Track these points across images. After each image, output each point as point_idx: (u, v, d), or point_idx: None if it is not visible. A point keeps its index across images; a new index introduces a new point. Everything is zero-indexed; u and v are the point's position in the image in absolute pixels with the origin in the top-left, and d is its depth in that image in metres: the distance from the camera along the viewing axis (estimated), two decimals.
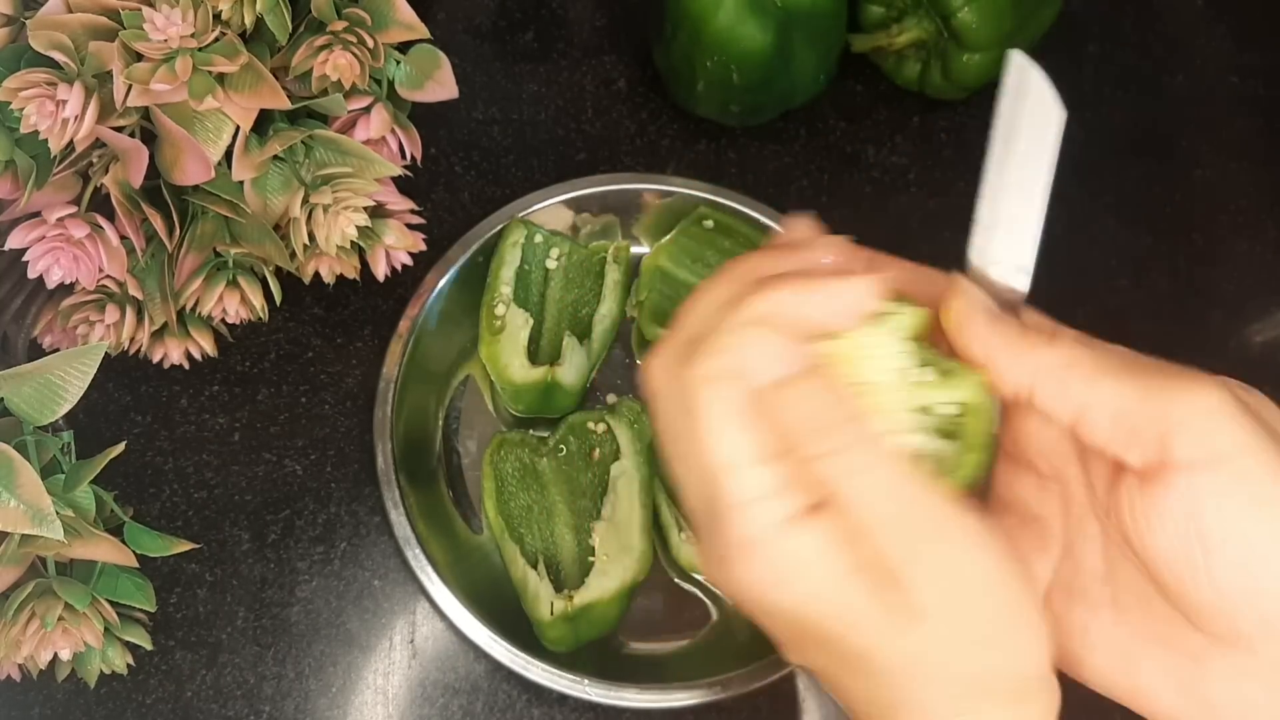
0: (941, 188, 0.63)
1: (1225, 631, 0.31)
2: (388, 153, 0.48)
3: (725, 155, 0.63)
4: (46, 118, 0.39)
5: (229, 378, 0.56)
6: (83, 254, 0.43)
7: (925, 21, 0.60)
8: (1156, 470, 0.30)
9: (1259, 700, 0.32)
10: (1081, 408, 0.31)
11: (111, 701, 0.51)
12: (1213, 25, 0.68)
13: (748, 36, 0.55)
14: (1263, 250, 0.63)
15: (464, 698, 0.52)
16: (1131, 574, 0.33)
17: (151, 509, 0.54)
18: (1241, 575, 0.30)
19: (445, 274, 0.56)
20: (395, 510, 0.52)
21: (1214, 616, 0.31)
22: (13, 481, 0.39)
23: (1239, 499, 0.30)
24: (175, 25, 0.39)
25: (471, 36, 0.65)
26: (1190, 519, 0.30)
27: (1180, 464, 0.30)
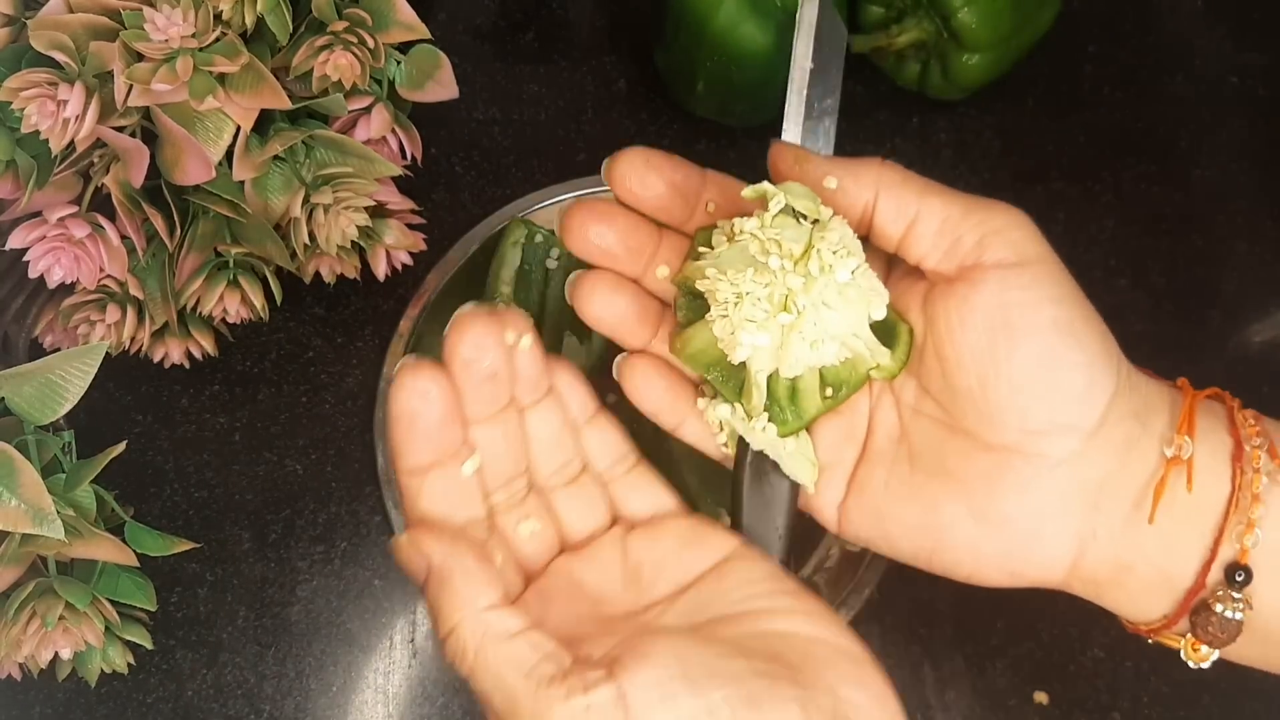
0: None
1: (1016, 434, 0.34)
2: (388, 153, 0.48)
3: (725, 155, 0.63)
4: (47, 118, 0.39)
5: (229, 377, 0.56)
6: (84, 254, 0.43)
7: (925, 22, 0.60)
8: (970, 271, 0.34)
9: (1047, 507, 0.34)
10: (915, 216, 0.34)
11: (112, 701, 0.51)
12: (1212, 25, 0.68)
13: (748, 37, 0.55)
14: (1262, 250, 0.63)
15: (464, 697, 0.52)
16: (924, 425, 0.36)
17: (152, 508, 0.54)
18: (1036, 364, 0.33)
19: (445, 274, 0.56)
20: (396, 510, 0.52)
21: (1008, 415, 0.34)
22: (14, 481, 0.39)
23: (1042, 293, 0.34)
24: (176, 25, 0.39)
25: (472, 37, 0.65)
26: (999, 310, 0.33)
27: (994, 263, 0.34)
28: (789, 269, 0.33)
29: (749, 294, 0.33)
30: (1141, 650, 0.53)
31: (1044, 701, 0.53)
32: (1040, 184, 0.63)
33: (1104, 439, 0.34)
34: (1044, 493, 0.34)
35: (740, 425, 0.36)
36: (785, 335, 0.34)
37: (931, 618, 0.54)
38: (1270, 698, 0.53)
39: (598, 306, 0.37)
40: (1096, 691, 0.53)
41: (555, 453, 0.37)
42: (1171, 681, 0.53)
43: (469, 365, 0.34)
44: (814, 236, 0.34)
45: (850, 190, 0.35)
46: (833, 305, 0.34)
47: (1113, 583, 0.35)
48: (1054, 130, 0.65)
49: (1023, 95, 0.65)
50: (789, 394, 0.36)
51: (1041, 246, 0.34)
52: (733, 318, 0.34)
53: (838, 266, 0.33)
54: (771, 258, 0.33)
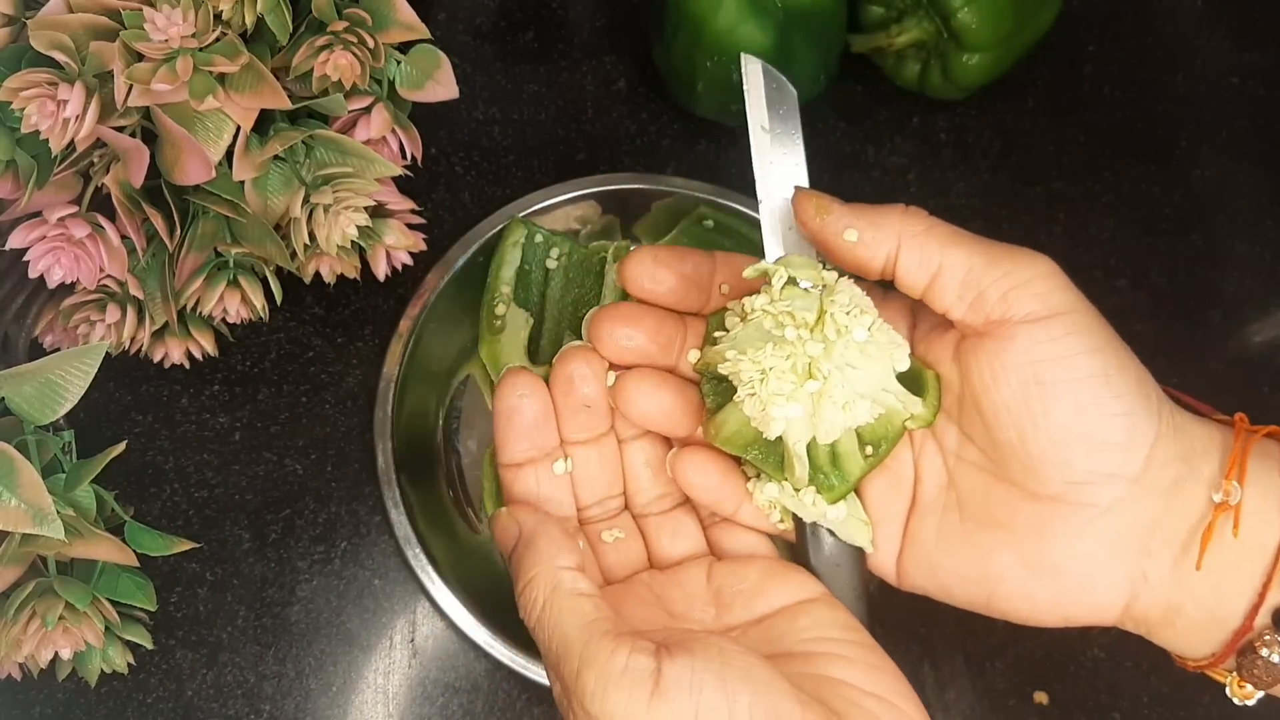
0: (941, 188, 0.63)
1: (1060, 484, 0.34)
2: (388, 153, 0.48)
3: (725, 155, 0.63)
4: (47, 118, 0.39)
5: (230, 377, 0.57)
6: (83, 254, 0.43)
7: (925, 22, 0.60)
8: (999, 326, 0.34)
9: (1096, 555, 0.34)
10: (938, 268, 0.34)
11: (112, 700, 0.51)
12: (1212, 26, 0.68)
13: (748, 37, 0.55)
14: (1262, 250, 0.63)
15: (464, 697, 0.52)
16: (969, 472, 0.36)
17: (152, 508, 0.54)
18: (1075, 419, 0.33)
19: (446, 274, 0.56)
20: (395, 510, 0.52)
21: (1050, 468, 0.33)
22: (14, 481, 0.39)
23: (1072, 345, 0.33)
24: (176, 25, 0.39)
25: (472, 37, 0.65)
26: (1031, 366, 0.33)
27: (1021, 318, 0.33)
28: (806, 337, 0.33)
29: (772, 369, 0.34)
30: (1141, 650, 0.53)
31: (1044, 701, 0.53)
32: (1040, 184, 0.63)
33: (1150, 484, 0.34)
34: (1093, 540, 0.34)
35: (789, 500, 0.36)
36: (816, 402, 0.34)
37: (931, 618, 0.54)
38: (1270, 698, 0.53)
39: (642, 405, 0.38)
40: (1096, 691, 0.53)
41: (652, 485, 0.39)
42: (1171, 681, 0.53)
43: (568, 391, 0.37)
44: (824, 302, 0.34)
45: (871, 242, 0.35)
46: (856, 364, 0.34)
47: (1163, 623, 0.35)
48: (1054, 130, 0.65)
49: (1023, 95, 0.65)
50: (830, 459, 0.36)
51: (1070, 296, 0.34)
52: (761, 395, 0.34)
53: (853, 326, 0.33)
54: (787, 329, 0.34)
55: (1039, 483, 0.34)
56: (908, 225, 0.35)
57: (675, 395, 0.38)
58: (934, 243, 0.34)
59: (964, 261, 0.34)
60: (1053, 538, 0.34)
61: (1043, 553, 0.34)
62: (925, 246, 0.34)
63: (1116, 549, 0.34)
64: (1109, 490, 0.33)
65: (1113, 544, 0.34)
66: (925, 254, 0.34)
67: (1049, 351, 0.33)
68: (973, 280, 0.34)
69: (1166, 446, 0.34)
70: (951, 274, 0.34)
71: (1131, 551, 0.34)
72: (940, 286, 0.34)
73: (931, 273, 0.34)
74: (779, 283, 0.35)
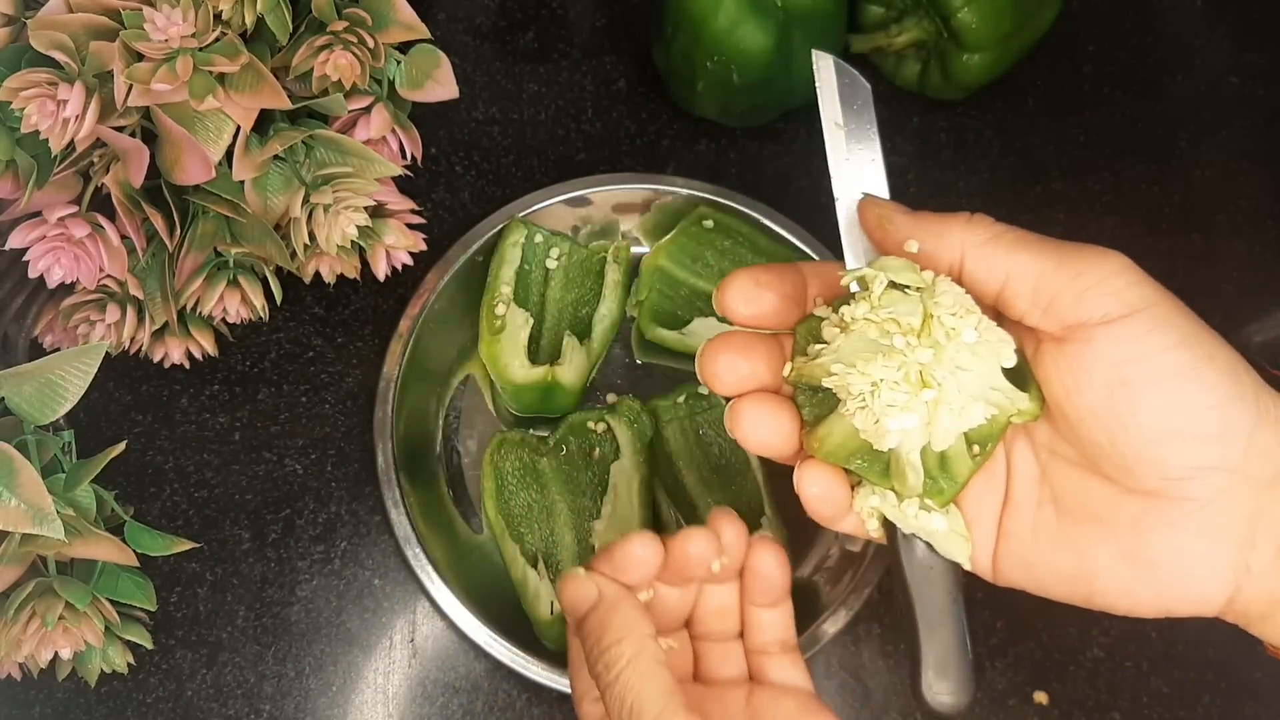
0: (941, 188, 0.63)
1: (1156, 480, 0.33)
2: (388, 153, 0.48)
3: (725, 155, 0.63)
4: (47, 117, 0.39)
5: (229, 377, 0.57)
6: (83, 254, 0.43)
7: (925, 22, 0.60)
8: (1076, 331, 0.33)
9: (1197, 548, 0.33)
10: (1005, 277, 0.33)
11: (112, 700, 0.51)
12: (1212, 26, 0.68)
13: (748, 37, 0.55)
14: (1262, 250, 0.63)
15: (464, 696, 0.52)
16: (1062, 467, 0.35)
17: (152, 508, 0.54)
18: (1165, 414, 0.32)
19: (446, 274, 0.56)
20: (395, 509, 0.52)
21: (1145, 464, 0.33)
22: (13, 481, 0.39)
23: (1155, 342, 0.32)
24: (176, 25, 0.39)
25: (472, 37, 0.65)
26: (1114, 368, 0.32)
27: (1099, 320, 0.32)
28: (915, 344, 0.33)
29: (884, 380, 0.33)
30: (1141, 650, 0.54)
31: (1044, 701, 0.53)
32: (1040, 184, 0.63)
33: (1251, 475, 0.33)
34: (1194, 534, 0.33)
35: (890, 510, 0.36)
36: (932, 411, 0.33)
37: None
38: (1270, 698, 0.53)
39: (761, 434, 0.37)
40: (1096, 691, 0.53)
41: (718, 620, 0.40)
42: (1171, 681, 0.53)
43: (682, 567, 0.38)
44: (928, 304, 0.33)
45: (934, 253, 0.34)
46: (967, 366, 0.33)
47: (1265, 615, 0.34)
48: (1054, 130, 0.65)
49: (1022, 95, 0.65)
50: (939, 463, 0.35)
51: (1147, 290, 0.33)
52: (874, 407, 0.33)
53: (962, 328, 0.33)
54: (895, 337, 0.33)
55: (1135, 479, 0.33)
56: (971, 234, 0.34)
57: (791, 416, 0.37)
58: (999, 251, 0.34)
59: (1032, 267, 0.33)
60: (1152, 532, 0.33)
61: (1143, 547, 0.34)
62: (990, 256, 0.34)
63: (1219, 542, 0.33)
64: (1209, 483, 0.33)
65: (1215, 537, 0.33)
66: (991, 263, 0.33)
67: (1131, 351, 0.32)
68: (1044, 286, 0.33)
69: (1267, 435, 0.33)
70: (1021, 281, 0.33)
71: (1234, 544, 0.33)
72: (1011, 294, 0.34)
73: (1000, 281, 0.33)
74: (879, 288, 0.34)
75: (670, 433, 0.56)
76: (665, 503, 0.55)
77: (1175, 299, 0.33)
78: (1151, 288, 0.33)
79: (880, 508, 0.36)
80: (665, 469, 0.56)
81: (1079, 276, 0.33)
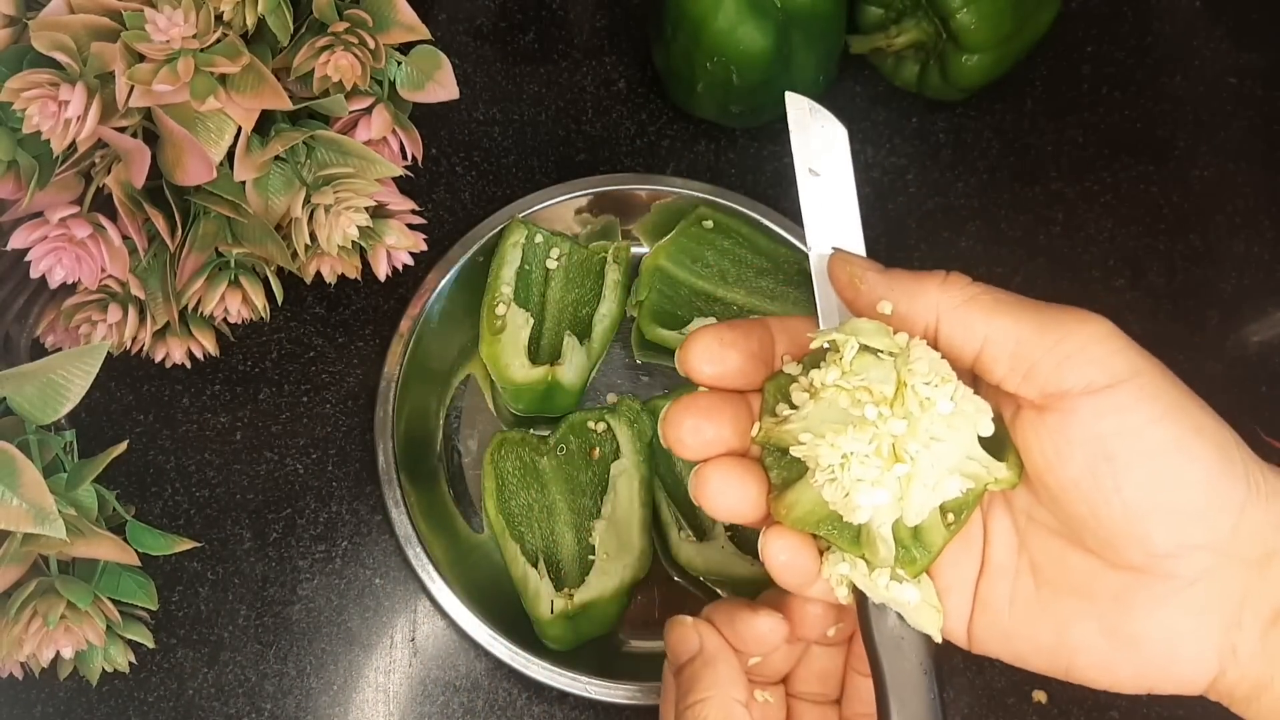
0: (940, 188, 0.63)
1: (1141, 556, 0.31)
2: (389, 153, 0.48)
3: (725, 156, 0.63)
4: (49, 118, 0.39)
5: (231, 377, 0.57)
6: (85, 254, 0.44)
7: (924, 23, 0.60)
8: (1057, 400, 0.31)
9: (1184, 627, 0.32)
10: (983, 341, 0.32)
11: (113, 699, 0.51)
12: (1211, 26, 0.68)
13: (747, 38, 0.55)
14: (1260, 251, 0.63)
15: (464, 695, 0.52)
16: (1042, 536, 0.34)
17: (153, 508, 0.54)
18: (1151, 490, 0.31)
19: (446, 274, 0.56)
20: (396, 509, 0.53)
21: (1129, 541, 0.31)
22: (15, 480, 0.39)
23: (1140, 415, 0.31)
24: (177, 26, 0.39)
25: (472, 37, 0.65)
26: (1097, 441, 0.31)
27: (1081, 390, 0.31)
28: (887, 415, 0.31)
29: (854, 453, 0.31)
30: None
31: (1043, 700, 0.53)
32: (1039, 184, 0.63)
33: (1240, 554, 0.31)
34: (1179, 613, 0.32)
35: (860, 579, 0.34)
36: (905, 486, 0.31)
37: None
38: None
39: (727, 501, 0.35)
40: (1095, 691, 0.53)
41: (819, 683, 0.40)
42: None
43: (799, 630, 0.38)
44: (902, 372, 0.31)
45: (907, 315, 0.33)
46: (942, 437, 0.31)
47: (1249, 698, 0.32)
48: (1052, 130, 0.65)
49: (1021, 96, 0.65)
50: (911, 533, 0.33)
51: (1131, 358, 0.31)
52: (843, 481, 0.31)
53: (937, 398, 0.31)
54: (866, 407, 0.31)
55: (1118, 554, 0.32)
56: (946, 297, 0.32)
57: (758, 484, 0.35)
58: (976, 314, 0.32)
59: (1010, 332, 0.31)
60: (1135, 609, 0.32)
61: (1125, 624, 0.32)
62: (967, 319, 0.32)
63: (1204, 622, 0.32)
64: (1195, 562, 0.31)
65: (1200, 617, 0.31)
66: (968, 327, 0.32)
67: (1116, 424, 0.31)
68: (1023, 351, 0.31)
69: (1257, 513, 0.31)
70: (999, 346, 0.32)
71: (1220, 624, 0.31)
72: (989, 359, 0.32)
73: (977, 346, 0.32)
74: (850, 353, 0.32)
75: None
76: (665, 503, 0.55)
77: (1162, 367, 0.32)
78: (1137, 355, 0.31)
79: (850, 576, 0.34)
80: (665, 469, 0.56)
81: (1060, 343, 0.31)
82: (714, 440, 0.35)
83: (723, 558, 0.53)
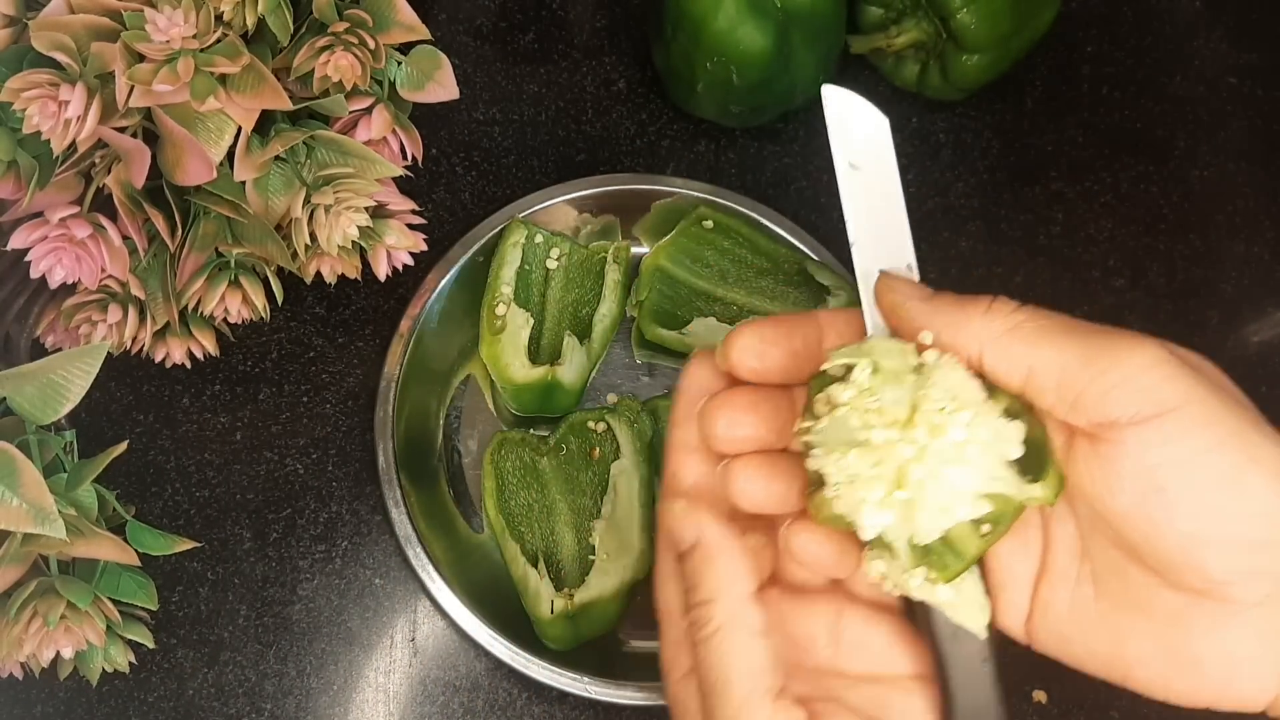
0: (940, 188, 0.63)
1: (1199, 583, 0.31)
2: (389, 153, 0.48)
3: (725, 156, 0.63)
4: (49, 118, 0.39)
5: (231, 377, 0.57)
6: (85, 254, 0.44)
7: (924, 23, 0.60)
8: (1106, 430, 0.30)
9: (1244, 650, 0.31)
10: (1027, 371, 0.31)
11: (113, 699, 0.51)
12: (1210, 27, 0.68)
13: (747, 38, 0.55)
14: (1260, 251, 0.63)
15: (465, 695, 0.52)
16: (1103, 546, 0.33)
17: (154, 508, 0.54)
18: (1204, 521, 0.30)
19: (446, 274, 0.56)
20: (396, 509, 0.53)
21: (1185, 569, 0.31)
22: (15, 480, 0.39)
23: (1191, 445, 0.30)
24: (177, 26, 0.39)
25: (472, 38, 0.65)
26: (1146, 473, 0.30)
27: (1128, 420, 0.30)
28: (896, 439, 0.30)
29: (859, 475, 0.31)
30: None
31: (1043, 700, 0.53)
32: (1039, 184, 0.63)
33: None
34: (1240, 636, 0.31)
35: (896, 577, 0.33)
36: (908, 510, 0.31)
37: None
38: None
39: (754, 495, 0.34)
40: (1095, 690, 0.53)
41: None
42: None
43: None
44: (916, 396, 0.31)
45: (951, 344, 0.32)
46: (956, 462, 0.31)
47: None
48: (1052, 130, 0.65)
49: (1021, 96, 0.65)
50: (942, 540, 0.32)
51: (1183, 386, 0.30)
52: (847, 499, 0.31)
53: (949, 425, 0.30)
54: (875, 430, 0.31)
55: (1176, 578, 0.31)
56: (989, 326, 0.32)
57: (789, 479, 0.34)
58: (1019, 343, 0.31)
59: (1055, 361, 0.31)
60: (1194, 630, 0.31)
61: (1185, 644, 0.32)
62: (1010, 349, 0.31)
63: (1267, 644, 0.31)
64: (1255, 587, 0.30)
65: (1262, 640, 0.31)
66: (1012, 357, 0.31)
67: (1166, 455, 0.30)
68: (1068, 381, 0.31)
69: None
70: (1044, 376, 0.31)
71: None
72: (1035, 389, 0.31)
73: (1022, 375, 0.31)
74: (863, 374, 0.32)
75: None
76: None
77: (1218, 392, 0.31)
78: (1189, 381, 0.30)
79: (888, 574, 0.34)
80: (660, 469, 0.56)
81: (1105, 372, 0.30)
82: (751, 438, 0.35)
83: None
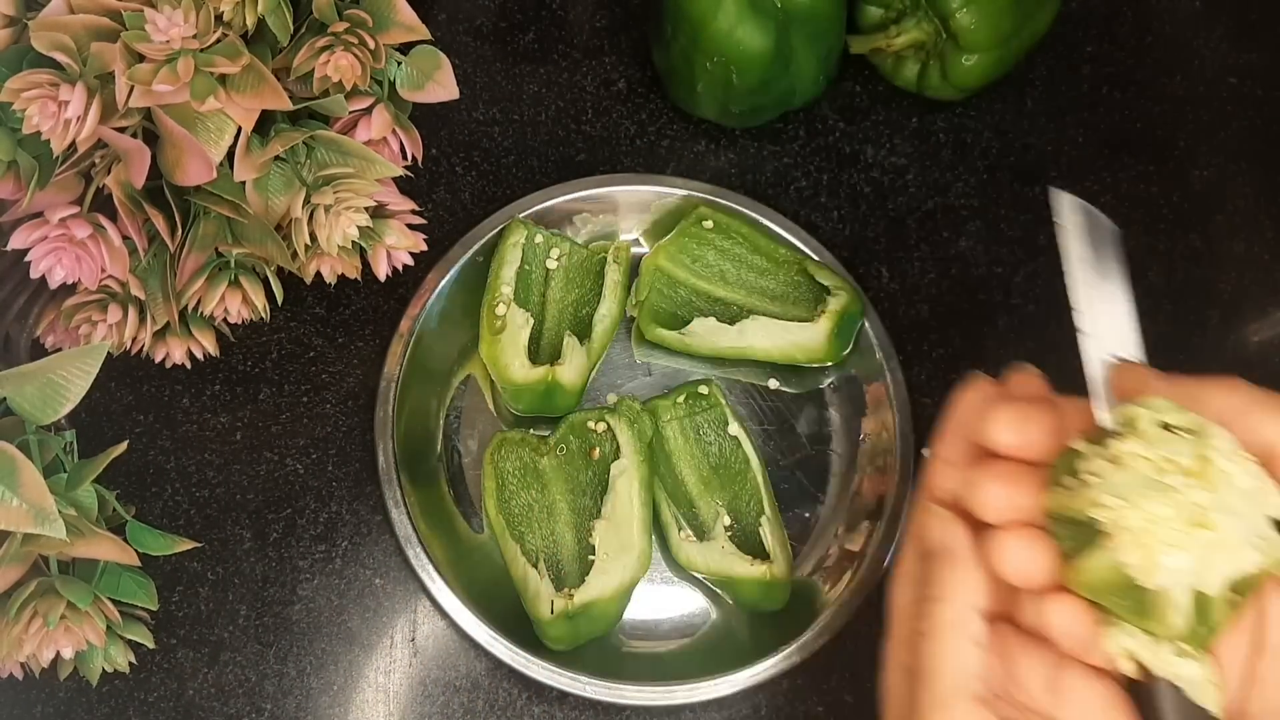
0: (940, 188, 0.63)
1: None
2: (389, 153, 0.48)
3: (725, 156, 0.63)
4: (49, 118, 0.39)
5: (231, 377, 0.57)
6: (85, 254, 0.44)
7: (924, 23, 0.60)
8: None
9: None
10: (1272, 447, 0.32)
11: (114, 700, 0.51)
12: (1210, 26, 0.68)
13: (747, 38, 0.55)
14: (1260, 251, 0.63)
15: (465, 695, 0.52)
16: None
17: (154, 508, 0.54)
18: None
19: (446, 274, 0.56)
20: (396, 509, 0.53)
21: None
22: (15, 480, 0.39)
23: None
24: (177, 26, 0.39)
25: (472, 37, 0.65)
26: None
27: None
28: (1192, 484, 0.32)
29: (1161, 517, 0.33)
30: None
31: None
32: (1038, 184, 0.63)
33: None
34: None
35: (1144, 651, 0.35)
36: (1207, 552, 0.33)
37: None
38: None
39: (1023, 566, 0.35)
40: None
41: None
42: None
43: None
44: (1204, 446, 0.33)
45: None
46: (1239, 512, 0.33)
47: None
48: (1052, 130, 0.65)
49: (1021, 96, 0.65)
50: (1196, 608, 0.34)
51: None
52: (1148, 544, 0.33)
53: (1236, 473, 0.32)
54: (1171, 475, 0.33)
55: None
56: (1232, 402, 0.33)
57: (1048, 551, 0.35)
58: (1267, 418, 0.32)
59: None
60: None
61: None
62: (1257, 424, 0.33)
63: None
64: None
65: None
66: (1254, 431, 0.32)
67: None
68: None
69: None
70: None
71: None
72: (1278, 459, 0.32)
73: (1265, 450, 0.32)
74: (1150, 427, 0.34)
75: (670, 432, 0.56)
76: (665, 502, 0.55)
77: None
78: None
79: (1133, 649, 0.35)
80: (665, 469, 0.56)
81: None
82: (1011, 506, 0.36)
83: (723, 558, 0.53)
